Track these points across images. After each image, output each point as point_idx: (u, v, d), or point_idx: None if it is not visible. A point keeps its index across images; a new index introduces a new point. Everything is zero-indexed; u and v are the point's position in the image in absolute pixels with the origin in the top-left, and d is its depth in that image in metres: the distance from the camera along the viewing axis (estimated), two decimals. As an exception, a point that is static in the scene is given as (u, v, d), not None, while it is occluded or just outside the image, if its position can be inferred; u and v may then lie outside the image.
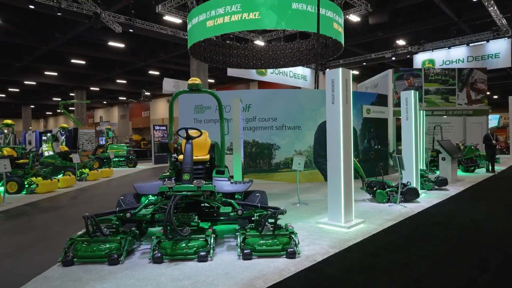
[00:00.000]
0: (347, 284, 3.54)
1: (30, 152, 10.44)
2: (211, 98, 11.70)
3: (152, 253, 4.18)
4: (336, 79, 5.55)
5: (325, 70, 27.78)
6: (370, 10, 16.67)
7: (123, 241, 4.30)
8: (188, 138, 4.94)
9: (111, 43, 22.47)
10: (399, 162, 7.15)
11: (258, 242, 4.30)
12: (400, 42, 23.24)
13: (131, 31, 18.87)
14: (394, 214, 6.44)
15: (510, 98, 17.75)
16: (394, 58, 23.72)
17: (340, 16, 13.97)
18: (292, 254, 4.20)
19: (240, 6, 12.34)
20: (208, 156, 5.46)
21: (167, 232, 4.13)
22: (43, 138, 22.75)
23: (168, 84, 24.50)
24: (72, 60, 26.75)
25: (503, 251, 4.46)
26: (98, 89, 38.57)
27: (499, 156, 15.44)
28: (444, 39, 21.26)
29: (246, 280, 3.61)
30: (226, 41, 18.88)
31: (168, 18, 17.98)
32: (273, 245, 4.29)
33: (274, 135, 10.73)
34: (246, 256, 4.17)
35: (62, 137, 23.34)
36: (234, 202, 4.85)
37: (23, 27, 20.26)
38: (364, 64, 26.02)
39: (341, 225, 5.46)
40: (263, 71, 23.16)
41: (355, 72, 32.37)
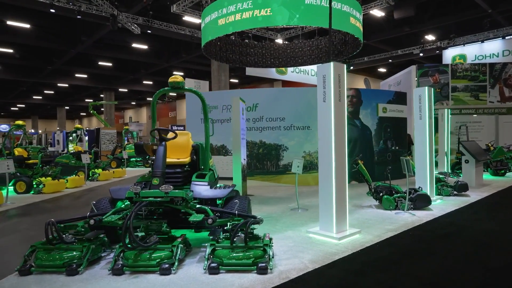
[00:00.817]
0: (314, 308, 3.08)
1: (40, 152, 10.56)
2: (219, 97, 11.48)
3: (113, 263, 3.89)
4: (327, 75, 5.05)
5: (348, 68, 26.90)
6: (392, 3, 15.77)
7: (85, 249, 4.04)
8: (162, 140, 4.62)
9: (134, 45, 22.80)
10: (406, 165, 6.52)
11: (228, 255, 3.90)
12: (429, 37, 22.03)
13: (149, 32, 18.98)
14: (398, 223, 5.84)
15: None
16: (422, 54, 22.49)
17: (358, 11, 13.26)
18: (263, 270, 3.77)
19: (252, 2, 11.96)
20: (187, 159, 5.12)
21: (125, 241, 3.82)
22: (69, 138, 23.42)
23: (189, 85, 24.52)
24: (100, 63, 27.46)
25: (514, 273, 3.83)
26: (126, 90, 39.50)
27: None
28: (477, 33, 19.90)
29: (201, 299, 3.23)
30: (245, 40, 18.61)
31: (187, 18, 17.90)
32: (243, 258, 3.87)
33: (282, 136, 10.27)
34: (212, 270, 3.79)
35: (86, 137, 23.93)
36: (208, 209, 4.48)
37: (52, 31, 20.90)
38: (390, 61, 24.87)
39: (332, 235, 4.96)
40: (283, 70, 22.66)
41: (382, 70, 31.15)
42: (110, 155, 17.99)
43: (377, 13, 18.77)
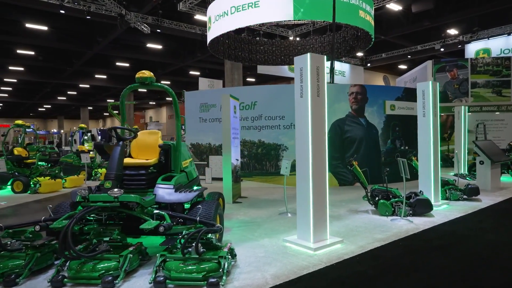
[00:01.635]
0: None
1: (38, 151, 10.52)
2: (217, 96, 11.11)
3: (54, 274, 3.57)
4: (304, 68, 4.56)
5: (366, 64, 26.00)
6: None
7: (28, 258, 3.74)
8: (119, 140, 4.27)
9: (149, 45, 22.85)
10: (403, 167, 5.92)
11: (178, 268, 3.50)
12: (450, 32, 20.89)
13: (159, 31, 18.89)
14: (391, 231, 5.26)
15: None
16: (443, 50, 21.37)
17: (368, 4, 12.60)
18: (213, 286, 3.34)
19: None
20: (153, 160, 4.74)
21: (62, 249, 3.47)
22: (84, 137, 23.72)
23: (203, 84, 24.39)
24: (117, 63, 27.76)
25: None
26: (145, 90, 39.92)
27: None
28: (503, 25, 18.65)
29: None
30: (256, 37, 18.20)
31: (198, 17, 17.67)
32: (194, 272, 3.46)
33: (282, 135, 9.78)
34: (158, 285, 3.39)
35: (99, 137, 24.12)
36: (167, 215, 4.09)
37: (70, 33, 21.21)
38: (409, 57, 23.79)
39: (308, 245, 4.46)
40: (296, 67, 22.07)
41: (403, 67, 29.92)
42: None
43: (394, 7, 17.92)
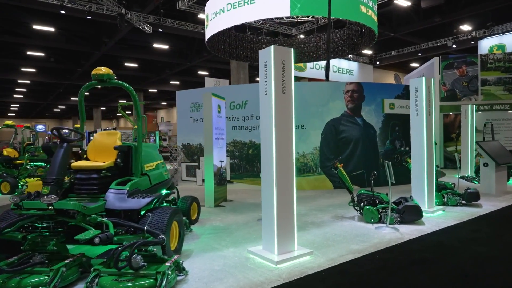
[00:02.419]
0: None
1: (27, 152, 10.38)
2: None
3: (-22, 289, 3.27)
4: (268, 61, 4.15)
5: (375, 63, 25.28)
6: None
7: (52, 274, 3.38)
8: (63, 141, 3.94)
9: (156, 45, 22.73)
10: (388, 170, 5.43)
11: (111, 285, 3.14)
12: (463, 28, 20.02)
13: (161, 30, 18.69)
14: (370, 242, 4.79)
15: None
16: (454, 46, 20.50)
17: (371, -2, 12.06)
18: (146, 306, 2.97)
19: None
20: (106, 163, 4.40)
21: None
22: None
23: (209, 83, 24.10)
24: (126, 64, 27.79)
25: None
26: (155, 91, 40.05)
27: None
28: (518, 20, 17.76)
29: None
30: (259, 36, 17.81)
31: (202, 16, 17.38)
32: (126, 289, 3.10)
33: (274, 136, 9.34)
34: (86, 303, 3.05)
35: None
36: (111, 224, 3.73)
37: (77, 34, 21.28)
38: (419, 54, 22.97)
39: (271, 258, 4.04)
40: (302, 66, 21.58)
41: (415, 65, 28.97)
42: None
43: (402, 2, 17.25)
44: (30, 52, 23.50)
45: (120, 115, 63.07)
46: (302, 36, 18.42)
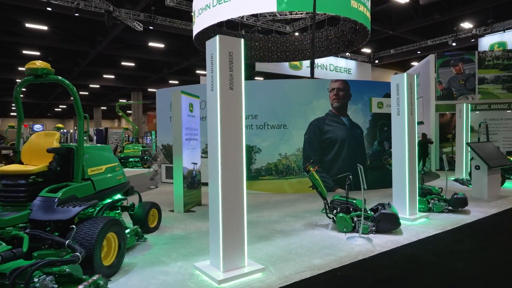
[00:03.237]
0: None
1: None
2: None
3: None
4: (214, 54, 3.68)
5: (373, 61, 24.71)
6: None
7: None
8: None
9: (152, 44, 22.34)
10: (360, 174, 4.95)
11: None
12: (464, 25, 19.39)
13: (151, 28, 18.29)
14: (336, 255, 4.30)
15: None
16: (454, 44, 19.89)
17: (363, -7, 11.56)
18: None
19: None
20: (36, 168, 3.95)
21: None
22: (85, 138, 23.51)
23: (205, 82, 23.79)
24: (123, 63, 27.45)
25: None
26: (154, 90, 39.64)
27: None
28: (520, 16, 17.12)
29: None
30: (252, 33, 17.38)
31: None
32: (26, 317, 2.65)
33: (254, 136, 8.88)
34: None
35: (95, 136, 23.79)
36: (26, 237, 3.27)
37: (72, 33, 20.95)
38: (419, 53, 22.37)
39: (215, 276, 3.57)
40: (297, 64, 21.12)
41: (415, 63, 28.31)
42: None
43: None
44: (26, 52, 23.20)
45: (120, 114, 63.06)
46: (296, 34, 17.93)
